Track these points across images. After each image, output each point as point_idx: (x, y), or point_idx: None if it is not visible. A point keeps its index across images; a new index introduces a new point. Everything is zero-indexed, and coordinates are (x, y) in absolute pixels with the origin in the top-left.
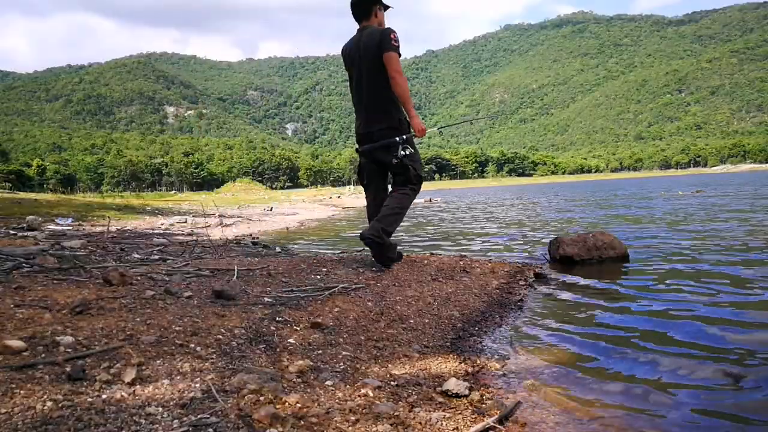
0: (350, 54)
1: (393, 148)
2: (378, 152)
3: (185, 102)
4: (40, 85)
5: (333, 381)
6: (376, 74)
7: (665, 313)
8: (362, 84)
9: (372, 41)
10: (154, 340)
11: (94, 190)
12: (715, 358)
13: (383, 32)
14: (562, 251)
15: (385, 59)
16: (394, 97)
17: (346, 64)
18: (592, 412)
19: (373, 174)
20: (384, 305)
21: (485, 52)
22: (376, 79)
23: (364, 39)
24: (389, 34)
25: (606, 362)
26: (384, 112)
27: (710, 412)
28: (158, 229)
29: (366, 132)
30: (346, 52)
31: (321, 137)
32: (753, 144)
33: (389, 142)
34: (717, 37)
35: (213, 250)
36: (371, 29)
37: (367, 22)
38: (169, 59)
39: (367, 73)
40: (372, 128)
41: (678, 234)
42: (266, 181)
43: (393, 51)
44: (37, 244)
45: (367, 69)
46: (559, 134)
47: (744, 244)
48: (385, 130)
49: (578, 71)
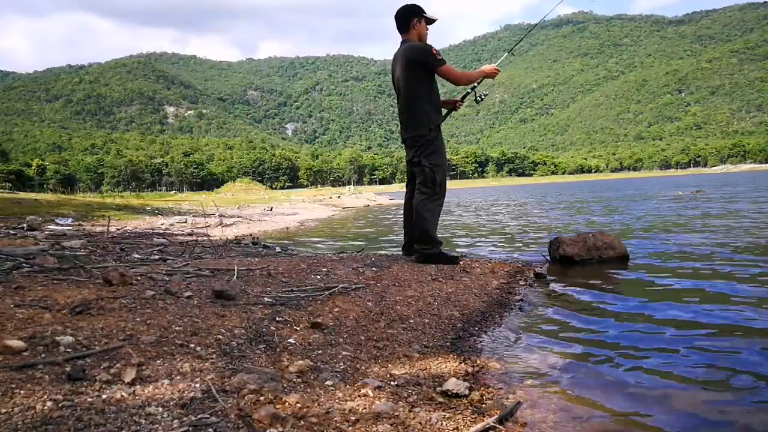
0: (393, 66)
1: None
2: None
3: (185, 102)
4: (40, 85)
5: (333, 381)
6: (408, 86)
7: (665, 314)
8: (400, 94)
9: (407, 56)
10: (154, 340)
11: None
12: (716, 359)
13: (424, 51)
14: (562, 251)
15: (443, 74)
16: (427, 107)
17: (392, 75)
18: (592, 412)
19: (411, 175)
20: (384, 305)
21: (485, 52)
22: (409, 90)
23: (400, 53)
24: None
25: (606, 362)
26: (416, 121)
27: (710, 413)
28: (158, 229)
29: (404, 138)
30: (392, 63)
31: (321, 137)
32: (753, 144)
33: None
34: (717, 37)
35: (213, 250)
36: (408, 44)
37: (406, 35)
38: (169, 59)
39: (403, 84)
40: (406, 135)
41: (678, 234)
42: (266, 181)
43: (442, 65)
44: (37, 244)
45: (403, 81)
46: (559, 134)
47: (744, 243)
48: (416, 137)
49: (578, 71)
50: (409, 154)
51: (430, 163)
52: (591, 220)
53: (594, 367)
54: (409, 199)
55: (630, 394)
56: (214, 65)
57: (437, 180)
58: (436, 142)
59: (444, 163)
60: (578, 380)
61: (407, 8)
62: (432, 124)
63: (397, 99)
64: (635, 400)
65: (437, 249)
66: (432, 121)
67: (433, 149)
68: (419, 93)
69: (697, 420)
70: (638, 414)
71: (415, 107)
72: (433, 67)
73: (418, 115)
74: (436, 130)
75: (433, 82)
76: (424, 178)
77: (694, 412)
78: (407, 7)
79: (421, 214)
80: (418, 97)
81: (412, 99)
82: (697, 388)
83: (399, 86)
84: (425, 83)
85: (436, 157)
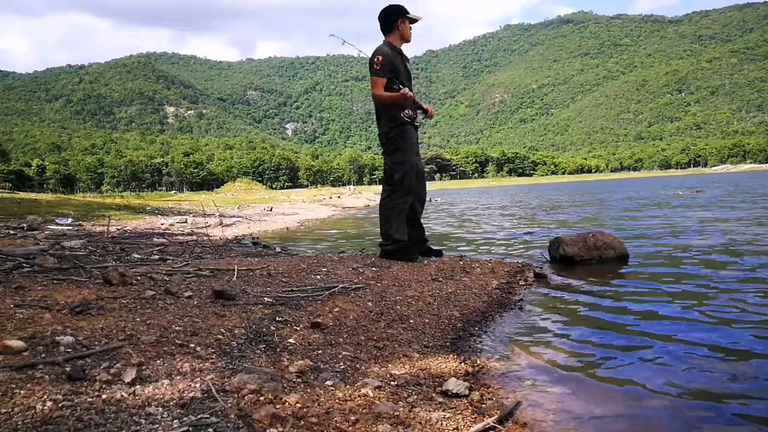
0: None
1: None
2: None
3: (185, 102)
4: (40, 85)
5: (333, 381)
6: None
7: (665, 314)
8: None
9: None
10: (154, 340)
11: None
12: (716, 359)
13: (370, 60)
14: (562, 251)
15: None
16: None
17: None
18: (592, 412)
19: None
20: (384, 305)
21: (485, 52)
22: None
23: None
24: (372, 59)
25: (606, 362)
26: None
27: (711, 412)
28: (158, 229)
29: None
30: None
31: (321, 137)
32: (753, 144)
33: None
34: (717, 37)
35: (213, 250)
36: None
37: (389, 36)
38: (169, 59)
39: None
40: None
41: (678, 234)
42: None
43: (372, 74)
44: (37, 244)
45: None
46: (559, 134)
47: (744, 243)
48: (380, 135)
49: (578, 71)
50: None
51: (390, 161)
52: (591, 219)
53: (594, 367)
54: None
55: (630, 395)
56: (214, 65)
57: (395, 177)
58: (399, 140)
59: (407, 161)
60: (578, 380)
61: (391, 9)
62: (393, 123)
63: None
64: (635, 401)
65: (394, 246)
66: (392, 120)
67: (394, 147)
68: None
69: (697, 420)
70: (638, 414)
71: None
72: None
73: (380, 112)
74: (399, 128)
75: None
76: (385, 176)
77: (695, 412)
78: (391, 7)
79: (382, 212)
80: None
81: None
82: (697, 389)
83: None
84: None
85: (399, 155)
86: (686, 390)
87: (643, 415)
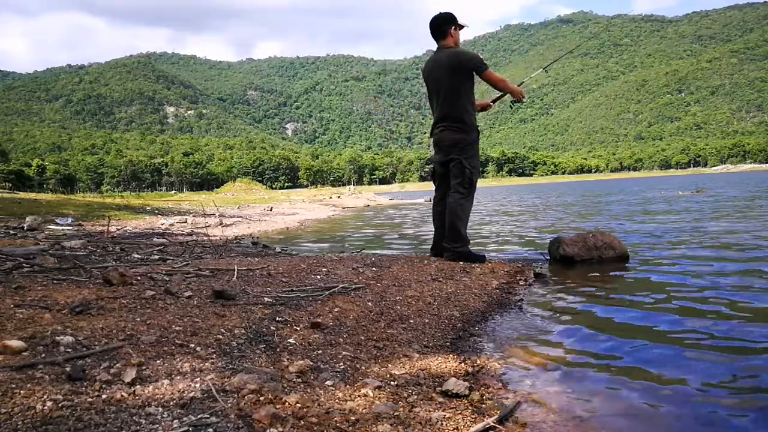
0: (430, 70)
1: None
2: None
3: (185, 102)
4: (39, 85)
5: (333, 381)
6: (452, 87)
7: (665, 313)
8: (439, 97)
9: (459, 59)
10: (154, 340)
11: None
12: (716, 358)
13: (475, 58)
14: (562, 251)
15: (486, 77)
16: (469, 108)
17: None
18: (592, 412)
19: (443, 177)
20: (384, 305)
21: (485, 52)
22: (452, 91)
23: (445, 57)
24: (480, 59)
25: (606, 362)
26: (459, 121)
27: (711, 412)
28: (158, 229)
29: (439, 139)
30: (427, 67)
31: (321, 137)
32: (753, 144)
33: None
34: (717, 37)
35: (213, 250)
36: (455, 51)
37: (444, 41)
38: (169, 59)
39: (447, 85)
40: (444, 135)
41: (678, 234)
42: (266, 181)
43: (486, 69)
44: (37, 244)
45: (447, 82)
46: (559, 134)
47: (744, 242)
48: (458, 140)
49: (578, 71)
50: (440, 155)
51: (470, 165)
52: (591, 219)
53: (594, 367)
54: (440, 201)
55: (630, 395)
56: (214, 65)
57: (474, 181)
58: (476, 145)
59: (479, 165)
60: (578, 380)
61: (444, 17)
62: (474, 124)
63: (433, 100)
64: (635, 401)
65: (467, 248)
66: (474, 121)
67: (473, 152)
68: (462, 93)
69: (697, 420)
70: (638, 414)
71: (458, 106)
72: (481, 71)
73: (461, 114)
74: (477, 133)
75: (473, 86)
76: (463, 179)
77: (695, 413)
78: (444, 16)
79: (456, 212)
80: (461, 96)
81: (455, 99)
82: (698, 390)
83: (440, 89)
84: (469, 86)
85: (475, 161)
86: (687, 389)
87: (645, 415)
